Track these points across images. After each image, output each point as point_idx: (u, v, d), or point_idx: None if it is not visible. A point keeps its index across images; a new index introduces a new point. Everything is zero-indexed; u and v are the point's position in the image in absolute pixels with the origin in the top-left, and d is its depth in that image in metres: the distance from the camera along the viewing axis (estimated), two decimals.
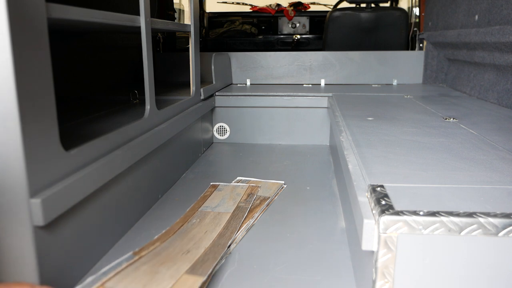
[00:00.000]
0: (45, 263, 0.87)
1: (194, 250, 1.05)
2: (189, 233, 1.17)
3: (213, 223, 1.25)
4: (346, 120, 1.51)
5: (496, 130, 1.31)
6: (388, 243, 0.70)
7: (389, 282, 0.71)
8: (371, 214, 0.74)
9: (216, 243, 1.10)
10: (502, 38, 1.65)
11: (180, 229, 1.21)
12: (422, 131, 1.31)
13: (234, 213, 1.33)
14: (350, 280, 1.03)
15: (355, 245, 1.04)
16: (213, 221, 1.27)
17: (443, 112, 1.64)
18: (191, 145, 2.01)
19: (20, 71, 0.76)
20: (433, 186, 0.83)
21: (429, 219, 0.68)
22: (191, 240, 1.11)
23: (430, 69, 2.72)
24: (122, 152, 1.16)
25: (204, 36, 4.25)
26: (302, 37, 4.29)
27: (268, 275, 1.05)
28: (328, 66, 2.85)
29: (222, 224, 1.24)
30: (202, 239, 1.13)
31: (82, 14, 0.99)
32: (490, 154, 1.05)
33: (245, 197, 1.48)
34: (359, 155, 1.05)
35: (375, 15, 3.18)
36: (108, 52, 2.35)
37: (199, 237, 1.14)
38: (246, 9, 4.56)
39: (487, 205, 0.74)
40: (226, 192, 1.54)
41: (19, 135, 0.77)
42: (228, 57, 2.84)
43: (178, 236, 1.16)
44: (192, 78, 1.98)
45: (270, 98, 2.35)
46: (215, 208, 1.38)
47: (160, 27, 1.53)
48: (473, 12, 2.04)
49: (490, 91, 1.90)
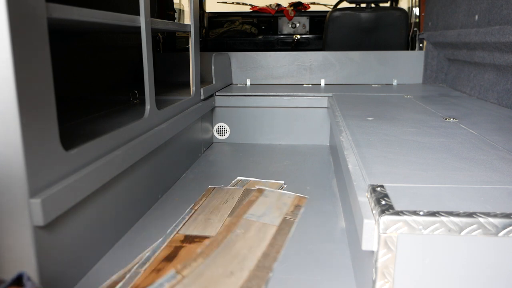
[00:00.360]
0: (45, 263, 0.87)
1: (238, 273, 1.02)
2: (233, 248, 1.15)
3: (258, 237, 1.21)
4: (346, 120, 1.51)
5: (496, 130, 1.31)
6: (388, 243, 0.70)
7: (389, 282, 0.71)
8: (371, 214, 0.74)
9: (261, 265, 1.07)
10: (502, 38, 1.65)
11: (224, 241, 1.19)
12: (422, 131, 1.31)
13: (280, 226, 1.29)
14: (350, 280, 1.03)
15: (355, 245, 1.04)
16: (258, 234, 1.24)
17: (443, 112, 1.64)
18: (191, 145, 2.01)
19: (20, 71, 0.76)
20: (433, 186, 0.83)
21: (429, 219, 0.68)
22: (235, 258, 1.09)
23: (430, 69, 2.72)
24: (122, 152, 1.16)
25: (204, 36, 4.25)
26: (302, 37, 4.28)
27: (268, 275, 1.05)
28: (328, 66, 2.85)
29: (267, 239, 1.21)
30: (246, 257, 1.10)
31: (82, 14, 0.99)
32: (490, 154, 1.05)
33: (292, 209, 1.42)
34: (359, 155, 1.05)
35: (375, 15, 3.18)
36: (108, 52, 2.35)
37: (243, 254, 1.12)
38: (246, 9, 4.56)
39: (487, 205, 0.74)
40: (272, 199, 1.50)
41: (19, 135, 0.77)
42: (228, 57, 2.84)
43: (222, 250, 1.14)
44: (192, 78, 1.98)
45: (270, 98, 2.35)
46: (261, 218, 1.35)
47: (160, 27, 1.53)
48: (473, 12, 2.04)
49: (490, 91, 1.90)
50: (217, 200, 1.51)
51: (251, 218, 1.33)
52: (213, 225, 1.31)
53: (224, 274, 1.01)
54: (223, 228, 1.25)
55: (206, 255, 1.10)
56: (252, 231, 1.25)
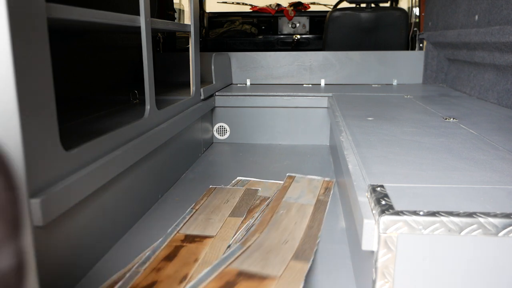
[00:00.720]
0: (45, 263, 0.87)
1: (291, 241, 1.19)
2: (281, 224, 1.30)
3: (299, 215, 1.37)
4: (346, 120, 1.51)
5: (496, 130, 1.31)
6: (388, 243, 0.70)
7: (389, 282, 0.71)
8: (371, 214, 0.74)
9: (308, 234, 1.24)
10: (502, 38, 1.65)
11: (271, 220, 1.33)
12: (422, 131, 1.31)
13: (316, 206, 1.46)
14: (350, 280, 1.03)
15: (355, 245, 1.04)
16: (298, 212, 1.39)
17: (443, 112, 1.64)
18: (191, 145, 2.01)
19: (20, 71, 0.76)
20: (433, 186, 0.83)
21: (429, 219, 0.68)
22: (285, 231, 1.25)
23: (430, 69, 2.72)
24: (122, 152, 1.16)
25: (204, 36, 4.25)
26: (302, 37, 4.28)
27: None
28: (328, 66, 2.85)
29: (308, 216, 1.37)
30: (294, 230, 1.26)
31: (82, 14, 0.99)
32: (490, 154, 1.05)
33: (323, 191, 1.59)
34: (359, 155, 1.05)
35: (375, 15, 3.18)
36: (108, 52, 2.35)
37: (291, 228, 1.28)
38: (246, 9, 4.56)
39: (487, 205, 0.74)
40: (303, 184, 1.67)
41: (19, 135, 0.77)
42: (228, 57, 2.84)
43: (272, 226, 1.29)
44: (192, 78, 1.98)
45: (270, 98, 2.35)
46: (298, 200, 1.50)
47: (160, 27, 1.53)
48: (473, 12, 2.04)
49: (490, 91, 1.90)
50: (218, 200, 1.51)
51: (290, 201, 1.50)
52: (214, 224, 1.31)
53: (280, 242, 1.18)
54: (268, 209, 1.42)
55: (260, 231, 1.25)
56: (293, 211, 1.41)
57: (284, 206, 1.44)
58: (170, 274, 1.03)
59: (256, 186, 1.66)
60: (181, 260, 1.09)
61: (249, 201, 1.50)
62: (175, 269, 1.05)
